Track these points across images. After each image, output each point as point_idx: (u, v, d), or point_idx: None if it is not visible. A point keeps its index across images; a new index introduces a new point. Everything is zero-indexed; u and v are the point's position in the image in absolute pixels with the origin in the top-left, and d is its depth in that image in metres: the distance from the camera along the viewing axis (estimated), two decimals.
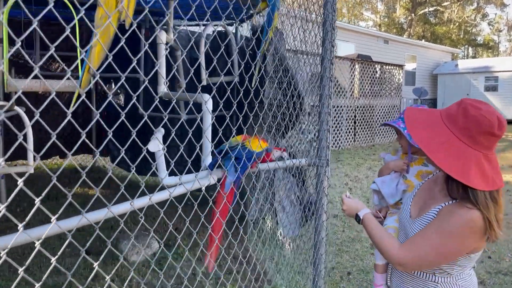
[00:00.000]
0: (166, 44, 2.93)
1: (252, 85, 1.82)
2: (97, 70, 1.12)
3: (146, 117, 1.22)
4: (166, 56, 4.17)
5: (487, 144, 1.21)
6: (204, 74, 3.67)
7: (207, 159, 2.01)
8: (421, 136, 1.27)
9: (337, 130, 10.78)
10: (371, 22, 38.82)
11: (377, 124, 12.23)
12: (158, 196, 1.43)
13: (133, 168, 1.17)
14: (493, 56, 36.67)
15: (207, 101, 2.18)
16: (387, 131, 12.73)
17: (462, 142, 1.21)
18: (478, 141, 1.20)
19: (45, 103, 0.81)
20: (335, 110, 10.60)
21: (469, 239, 1.24)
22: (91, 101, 5.97)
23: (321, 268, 2.18)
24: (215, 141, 1.73)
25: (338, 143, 10.82)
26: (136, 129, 1.17)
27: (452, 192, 1.27)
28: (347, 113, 10.94)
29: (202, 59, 3.72)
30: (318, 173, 2.15)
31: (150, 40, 1.25)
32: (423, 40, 27.05)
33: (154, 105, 1.22)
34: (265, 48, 2.58)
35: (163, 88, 2.59)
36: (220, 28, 4.36)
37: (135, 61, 1.12)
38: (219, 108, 1.57)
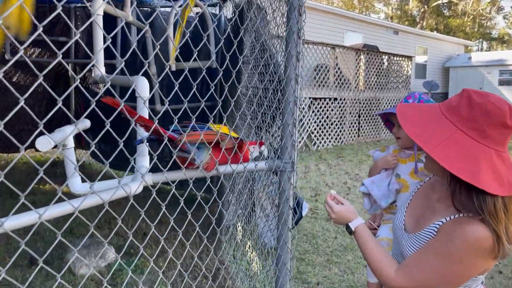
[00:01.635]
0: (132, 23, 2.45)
1: (169, 66, 1.34)
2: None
3: (60, 104, 0.82)
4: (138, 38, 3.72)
5: (499, 138, 1.01)
6: (172, 58, 3.21)
7: (142, 161, 1.57)
8: (417, 130, 1.06)
9: (340, 124, 10.23)
10: (383, 14, 37.86)
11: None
12: (59, 209, 1.00)
13: (107, 164, 1.00)
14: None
15: (141, 86, 1.72)
16: None
17: (468, 136, 1.01)
18: (488, 135, 1.01)
19: None
20: (339, 102, 10.04)
21: (478, 261, 1.04)
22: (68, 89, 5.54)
23: None
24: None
25: (340, 138, 10.27)
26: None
27: (458, 199, 1.04)
28: (351, 106, 10.37)
29: (170, 40, 3.24)
30: (279, 180, 1.68)
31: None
32: (435, 32, 26.18)
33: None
34: (184, 19, 2.07)
35: (98, 71, 2.12)
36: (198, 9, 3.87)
37: (72, 41, 0.73)
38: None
